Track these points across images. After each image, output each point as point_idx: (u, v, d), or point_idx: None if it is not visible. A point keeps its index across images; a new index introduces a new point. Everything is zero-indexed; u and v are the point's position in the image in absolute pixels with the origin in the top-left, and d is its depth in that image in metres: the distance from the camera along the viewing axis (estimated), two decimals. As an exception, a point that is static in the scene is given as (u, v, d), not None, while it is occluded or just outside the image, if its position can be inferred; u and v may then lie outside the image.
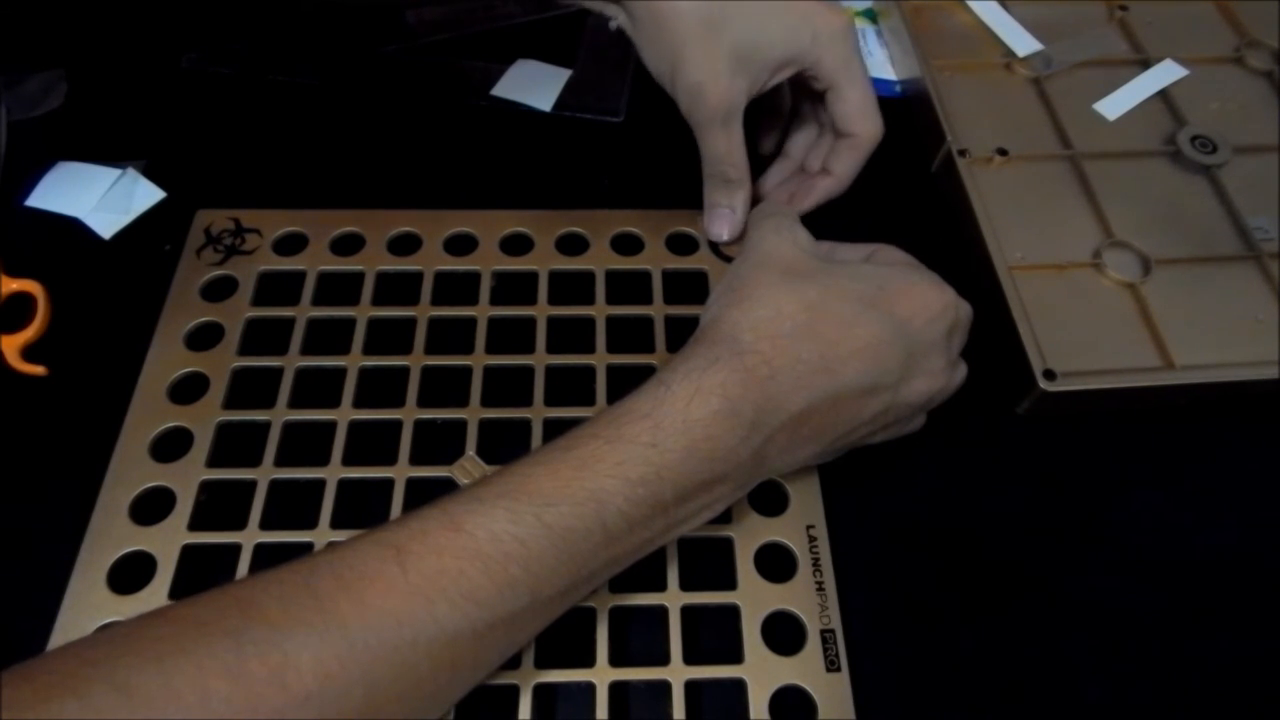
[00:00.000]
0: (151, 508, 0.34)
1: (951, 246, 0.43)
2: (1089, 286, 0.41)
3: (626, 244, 0.41)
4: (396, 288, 0.39)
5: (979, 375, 0.40)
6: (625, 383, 0.36)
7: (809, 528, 0.34)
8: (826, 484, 0.35)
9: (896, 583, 0.35)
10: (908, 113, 0.49)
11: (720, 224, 0.41)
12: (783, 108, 0.43)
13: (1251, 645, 0.34)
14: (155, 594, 0.31)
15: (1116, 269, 0.41)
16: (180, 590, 0.32)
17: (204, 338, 0.38)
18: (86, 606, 0.31)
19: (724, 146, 0.38)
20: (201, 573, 0.32)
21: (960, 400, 0.39)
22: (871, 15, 0.54)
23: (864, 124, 0.39)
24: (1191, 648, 0.34)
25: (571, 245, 0.41)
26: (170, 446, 0.35)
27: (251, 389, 0.37)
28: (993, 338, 0.40)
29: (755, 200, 0.41)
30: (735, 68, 0.36)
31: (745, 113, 0.38)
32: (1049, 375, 0.37)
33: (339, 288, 0.40)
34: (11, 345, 0.38)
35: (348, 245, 0.41)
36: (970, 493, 0.37)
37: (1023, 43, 0.50)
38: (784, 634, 0.32)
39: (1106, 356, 0.38)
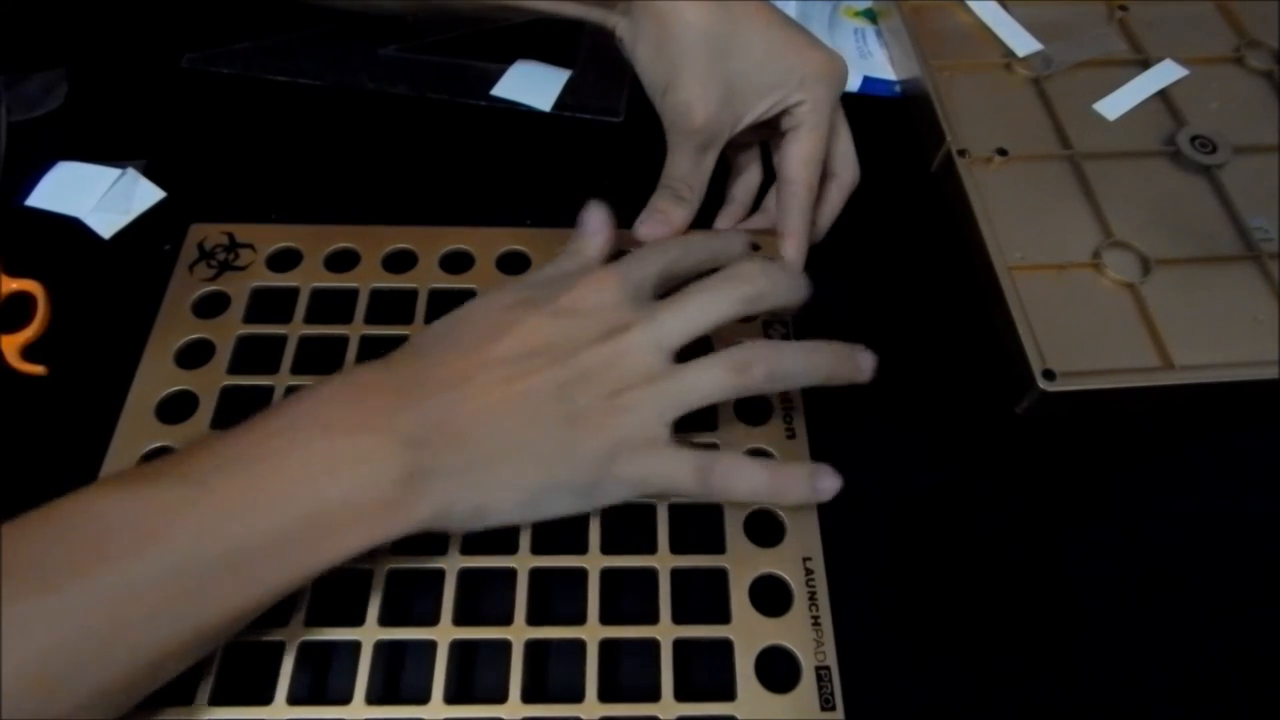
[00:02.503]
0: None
1: (951, 246, 0.44)
2: (1089, 286, 0.41)
3: None
4: (391, 306, 0.39)
5: (979, 375, 0.40)
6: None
7: (805, 560, 0.33)
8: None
9: (892, 611, 0.34)
10: (907, 113, 0.49)
11: (654, 226, 0.38)
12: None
13: (1253, 645, 0.34)
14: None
15: (1116, 269, 0.41)
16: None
17: (194, 355, 0.37)
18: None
19: (688, 168, 0.38)
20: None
21: (960, 400, 0.39)
22: (871, 15, 0.54)
23: (799, 168, 0.38)
24: (1195, 648, 0.34)
25: None
26: None
27: (241, 408, 0.36)
28: (992, 338, 0.40)
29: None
30: (727, 97, 0.36)
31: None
32: (1049, 375, 0.37)
33: (332, 305, 0.39)
34: (11, 345, 0.38)
35: (342, 262, 0.40)
36: (969, 494, 0.37)
37: (1023, 43, 0.50)
38: (778, 671, 0.31)
39: (1106, 356, 0.38)
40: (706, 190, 0.39)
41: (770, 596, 0.32)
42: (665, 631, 0.31)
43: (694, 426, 0.36)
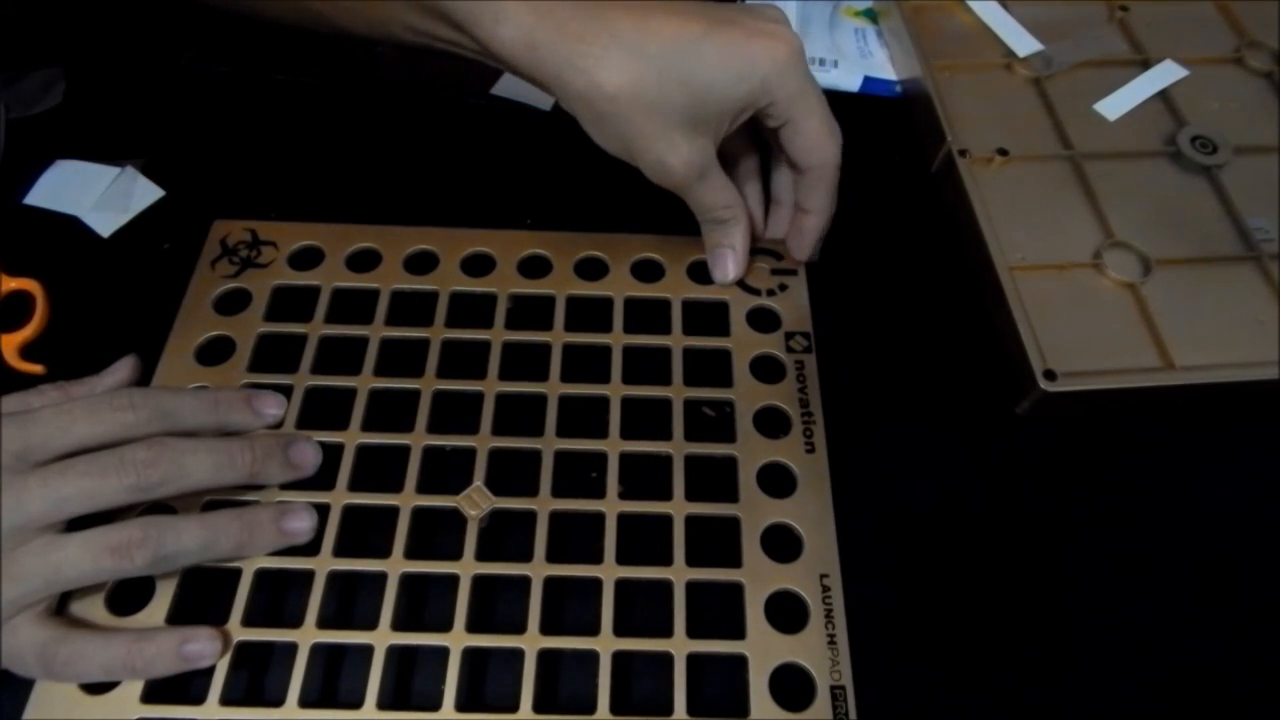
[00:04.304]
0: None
1: (951, 246, 0.44)
2: (1089, 286, 0.41)
3: (647, 270, 0.40)
4: (411, 307, 0.39)
5: (979, 375, 0.40)
6: (639, 416, 0.36)
7: (823, 576, 0.33)
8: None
9: (904, 628, 0.34)
10: (908, 113, 0.49)
11: (724, 264, 0.40)
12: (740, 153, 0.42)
13: (1253, 645, 0.34)
14: (155, 611, 0.31)
15: (1116, 269, 0.41)
16: (182, 597, 0.32)
17: (214, 352, 0.37)
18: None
19: (709, 198, 0.37)
20: (201, 594, 0.32)
21: (961, 400, 0.39)
22: (871, 15, 0.54)
23: (822, 153, 0.37)
24: (1197, 648, 0.34)
25: (590, 270, 0.40)
26: None
27: None
28: (993, 338, 0.40)
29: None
30: (692, 131, 0.35)
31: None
32: (1049, 375, 0.37)
33: (353, 305, 0.39)
34: (10, 344, 0.38)
35: (364, 261, 0.40)
36: (971, 497, 0.37)
37: (1023, 43, 0.50)
38: (792, 688, 0.31)
39: (1106, 356, 0.38)
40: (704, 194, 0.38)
41: (786, 613, 0.32)
42: (679, 645, 0.31)
43: (704, 436, 0.36)
